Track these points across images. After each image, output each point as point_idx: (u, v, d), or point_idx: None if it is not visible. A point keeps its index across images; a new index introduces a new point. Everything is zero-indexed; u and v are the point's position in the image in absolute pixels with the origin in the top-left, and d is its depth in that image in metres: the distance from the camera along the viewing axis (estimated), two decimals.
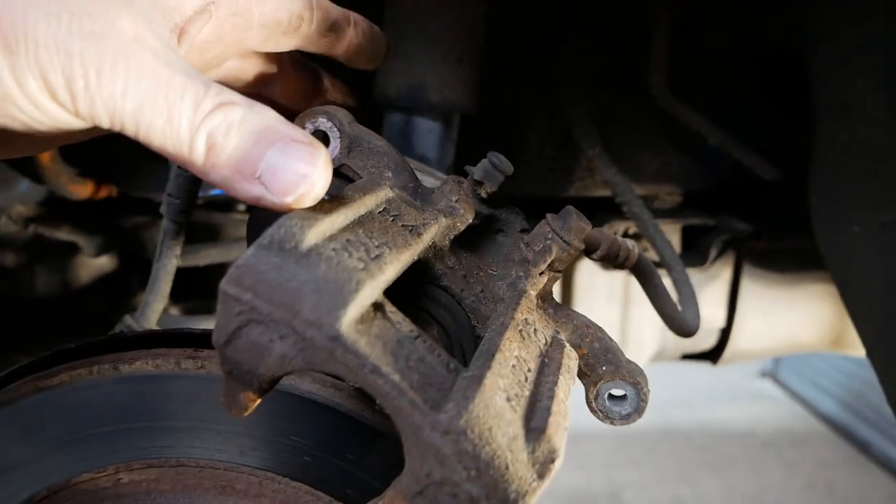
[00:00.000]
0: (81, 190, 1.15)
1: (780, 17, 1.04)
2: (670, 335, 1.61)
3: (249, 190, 0.47)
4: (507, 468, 0.42)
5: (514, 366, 0.48)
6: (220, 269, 1.45)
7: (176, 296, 1.53)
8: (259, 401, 0.48)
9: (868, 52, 0.87)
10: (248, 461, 0.64)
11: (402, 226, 0.53)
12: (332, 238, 0.46)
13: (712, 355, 1.66)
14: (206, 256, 1.18)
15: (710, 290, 1.51)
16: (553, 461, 0.44)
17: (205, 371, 0.62)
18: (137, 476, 0.64)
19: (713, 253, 1.32)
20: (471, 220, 0.62)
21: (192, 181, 0.83)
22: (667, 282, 0.91)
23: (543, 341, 0.55)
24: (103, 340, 0.64)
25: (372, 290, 0.44)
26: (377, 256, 0.47)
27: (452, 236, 0.61)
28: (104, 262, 1.66)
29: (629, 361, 0.65)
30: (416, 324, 0.47)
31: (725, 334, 1.59)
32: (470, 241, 0.65)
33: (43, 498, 0.64)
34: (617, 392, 0.66)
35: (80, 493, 0.64)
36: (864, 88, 0.88)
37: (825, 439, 5.39)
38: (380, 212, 0.54)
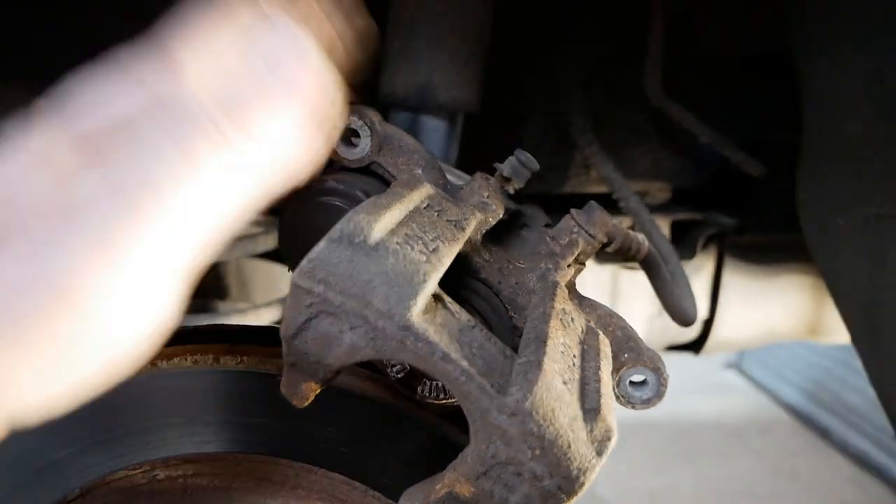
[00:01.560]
0: None
1: (772, 19, 1.09)
2: (655, 328, 1.66)
3: None
4: (569, 447, 0.44)
5: (562, 352, 0.51)
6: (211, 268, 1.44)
7: None
8: (319, 390, 0.50)
9: (855, 54, 0.92)
10: (285, 453, 0.65)
11: (447, 220, 0.56)
12: (393, 232, 0.48)
13: (695, 346, 1.71)
14: None
15: (694, 282, 1.55)
16: (609, 439, 0.46)
17: (244, 366, 0.63)
18: (174, 472, 0.65)
19: (699, 246, 1.37)
20: (501, 215, 0.65)
21: None
22: None
23: (580, 329, 0.58)
24: None
25: (435, 281, 0.46)
26: (434, 250, 0.49)
27: (484, 231, 0.63)
28: None
29: (649, 349, 0.68)
30: None
31: (707, 325, 1.64)
32: (497, 236, 0.67)
33: (76, 497, 0.64)
34: (637, 378, 0.69)
35: (114, 490, 0.64)
36: (851, 88, 0.93)
37: (789, 427, 5.55)
38: (425, 207, 0.55)
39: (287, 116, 0.46)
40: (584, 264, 0.68)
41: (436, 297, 0.48)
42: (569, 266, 0.65)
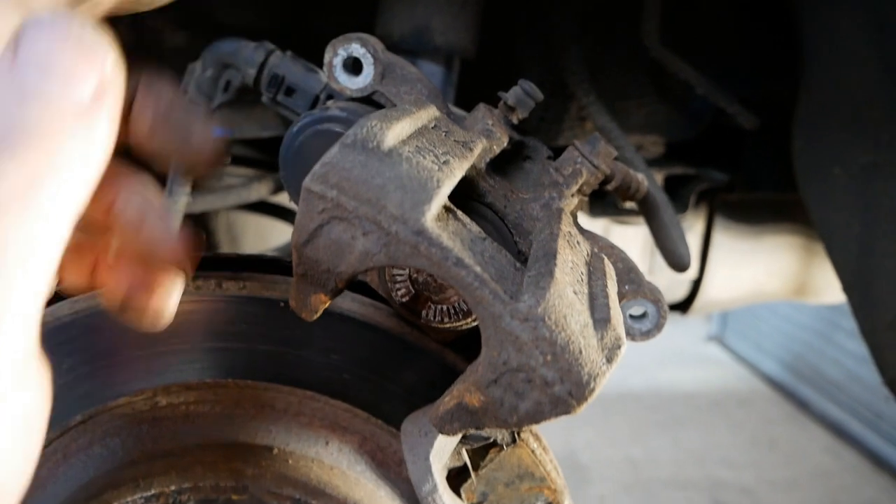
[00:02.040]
0: None
1: None
2: None
3: None
4: (580, 353, 0.44)
5: (571, 267, 0.51)
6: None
7: None
8: (328, 303, 0.50)
9: (856, 3, 0.92)
10: (288, 381, 0.65)
11: (455, 140, 0.55)
12: (405, 142, 0.47)
13: (683, 306, 1.73)
14: (202, 203, 1.17)
15: None
16: (619, 347, 0.47)
17: (247, 292, 0.63)
18: (175, 399, 0.65)
19: (692, 201, 1.38)
20: (506, 144, 0.64)
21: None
22: None
23: (586, 252, 0.58)
24: None
25: (448, 189, 0.46)
26: (445, 162, 0.49)
27: (488, 159, 0.63)
28: None
29: (649, 281, 0.69)
30: None
31: (696, 285, 1.66)
32: (500, 167, 0.67)
33: (78, 423, 0.64)
34: (637, 311, 0.69)
35: (116, 417, 0.64)
36: (851, 37, 0.93)
37: (768, 398, 5.67)
38: (432, 127, 0.55)
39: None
40: (587, 195, 0.68)
41: (447, 209, 0.48)
42: (572, 196, 0.65)
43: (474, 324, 0.62)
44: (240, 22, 1.06)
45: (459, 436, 0.63)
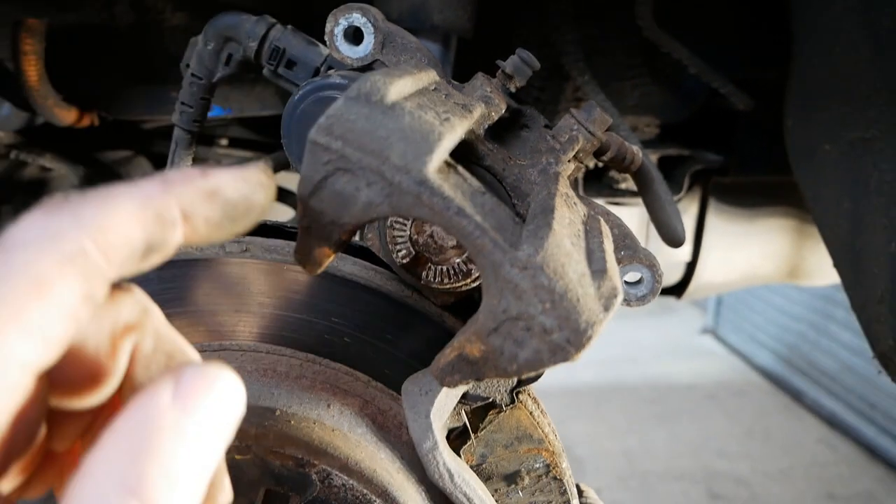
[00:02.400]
0: (66, 115, 1.12)
1: None
2: None
3: None
4: (578, 301, 0.46)
5: (568, 223, 0.52)
6: None
7: None
8: (333, 257, 0.51)
9: None
10: (290, 344, 0.66)
11: (455, 102, 0.56)
12: (406, 98, 0.49)
13: (677, 290, 1.75)
14: None
15: None
16: (615, 297, 0.48)
17: (249, 254, 0.64)
18: None
19: (686, 182, 1.39)
20: (504, 111, 0.66)
21: (206, 90, 0.84)
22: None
23: (583, 213, 0.59)
24: None
25: (450, 142, 0.47)
26: (446, 119, 0.50)
27: (487, 125, 0.65)
28: None
29: (644, 248, 0.70)
30: None
31: (690, 269, 1.67)
32: (497, 135, 0.68)
33: None
34: (632, 278, 0.71)
35: None
36: (842, 15, 0.94)
37: (762, 390, 5.69)
38: (433, 89, 0.56)
39: None
40: (583, 163, 0.69)
41: (448, 165, 0.49)
42: (569, 162, 0.67)
43: (473, 285, 0.63)
44: (240, 2, 1.07)
45: (459, 395, 0.64)
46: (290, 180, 1.34)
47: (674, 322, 7.12)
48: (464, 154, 0.61)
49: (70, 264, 0.33)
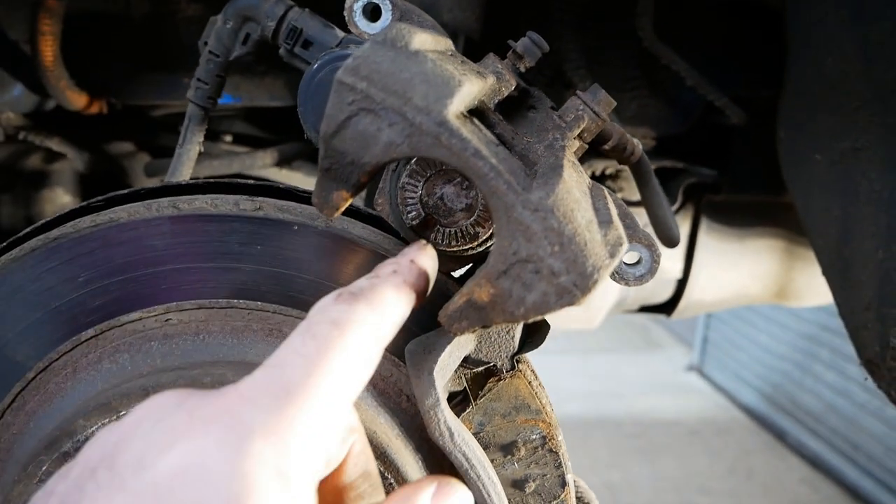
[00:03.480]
0: (77, 99, 1.14)
1: None
2: (631, 287, 1.70)
3: None
4: (585, 245, 0.48)
5: (576, 181, 0.54)
6: None
7: None
8: (350, 201, 0.53)
9: None
10: (298, 304, 0.67)
11: (470, 68, 0.59)
12: (428, 51, 0.51)
13: (667, 307, 1.77)
14: (207, 168, 1.19)
15: None
16: (621, 244, 0.50)
17: (262, 213, 0.65)
18: (186, 317, 0.67)
19: (680, 196, 1.43)
20: (513, 88, 0.68)
21: (222, 67, 0.86)
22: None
23: (587, 181, 0.62)
24: (159, 187, 0.67)
25: (469, 90, 0.49)
26: (464, 73, 0.52)
27: (497, 100, 0.67)
28: (70, 203, 1.63)
29: (643, 229, 0.73)
30: None
31: (681, 286, 1.70)
32: (506, 113, 0.71)
33: (90, 338, 0.66)
34: (631, 259, 0.73)
35: (128, 333, 0.66)
36: (832, 27, 0.99)
37: (746, 428, 5.70)
38: (450, 54, 0.59)
39: None
40: (587, 143, 0.72)
41: (464, 116, 0.51)
42: (574, 139, 0.69)
43: (479, 249, 0.65)
44: None
45: (462, 356, 0.65)
46: (291, 178, 1.36)
47: (659, 359, 7.14)
48: (476, 119, 0.63)
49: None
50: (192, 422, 0.39)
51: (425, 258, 0.55)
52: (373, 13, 0.71)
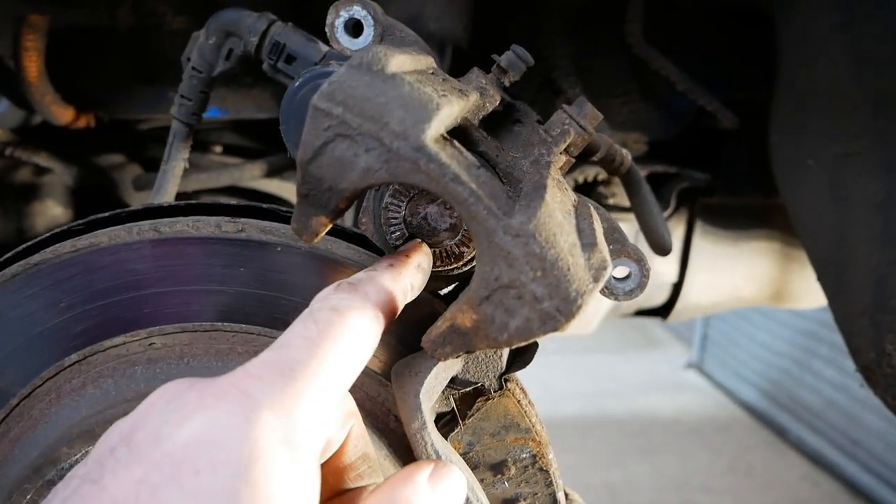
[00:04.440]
0: (63, 114, 1.14)
1: None
2: None
3: None
4: (568, 269, 0.47)
5: (560, 202, 0.54)
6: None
7: None
8: (330, 226, 0.52)
9: (826, 1, 0.97)
10: (283, 326, 0.66)
11: (452, 86, 0.58)
12: (406, 73, 0.50)
13: (663, 311, 1.76)
14: (195, 182, 1.19)
15: None
16: (605, 268, 0.49)
17: (245, 234, 0.64)
18: (170, 341, 0.66)
19: (674, 200, 1.42)
20: (497, 103, 0.67)
21: (205, 83, 0.85)
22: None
23: (573, 197, 0.61)
24: (139, 209, 0.66)
25: (447, 113, 0.49)
26: (444, 95, 0.51)
27: (481, 116, 0.66)
28: (60, 215, 1.63)
29: (632, 243, 0.72)
30: None
31: (676, 290, 1.69)
32: (491, 128, 0.70)
33: (73, 363, 0.65)
34: (621, 274, 0.72)
35: (112, 357, 0.65)
36: (823, 32, 0.98)
37: (746, 426, 5.69)
38: (430, 73, 0.58)
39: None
40: (574, 157, 0.71)
41: (444, 139, 0.50)
42: (560, 154, 0.68)
43: (465, 269, 0.64)
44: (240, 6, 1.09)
45: (449, 378, 0.65)
46: (282, 189, 1.35)
47: (658, 357, 7.13)
48: (458, 138, 0.63)
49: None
50: (203, 398, 0.42)
51: (420, 254, 0.58)
52: (354, 29, 0.70)
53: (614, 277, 0.72)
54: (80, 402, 0.65)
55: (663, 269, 1.65)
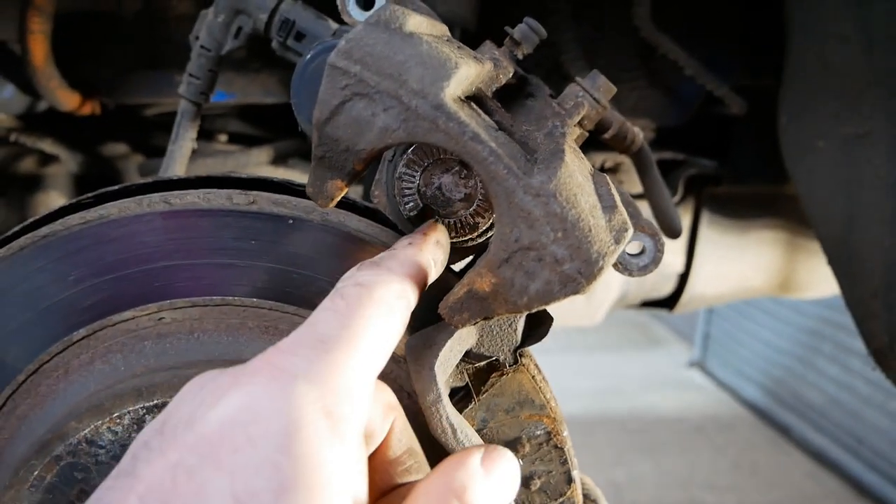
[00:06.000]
0: (70, 99, 1.13)
1: None
2: (632, 280, 1.69)
3: None
4: (590, 230, 0.46)
5: (578, 166, 0.53)
6: None
7: None
8: (346, 190, 0.51)
9: None
10: (294, 300, 0.65)
11: (467, 53, 0.57)
12: (423, 34, 0.49)
13: (669, 302, 1.75)
14: (201, 167, 1.18)
15: None
16: (626, 230, 0.48)
17: (256, 207, 0.64)
18: (180, 315, 0.65)
19: (681, 187, 1.41)
20: (511, 75, 0.67)
21: (214, 62, 0.84)
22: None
23: (589, 167, 0.60)
24: (150, 182, 0.65)
25: (466, 73, 0.48)
26: (461, 57, 0.51)
27: (495, 87, 0.65)
28: None
29: (645, 218, 0.71)
30: None
31: (683, 280, 1.68)
32: (503, 101, 0.69)
33: (81, 338, 0.64)
34: (634, 249, 0.71)
35: (121, 332, 0.64)
36: (834, 8, 0.97)
37: (749, 424, 5.68)
38: (445, 39, 0.57)
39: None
40: (588, 131, 0.70)
41: (462, 100, 0.50)
42: (574, 126, 0.67)
43: (479, 240, 0.63)
44: None
45: (464, 350, 0.64)
46: (288, 176, 1.34)
47: (661, 355, 7.12)
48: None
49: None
50: (237, 378, 0.41)
51: (437, 231, 0.58)
52: (366, 2, 0.70)
53: (628, 253, 0.72)
54: (88, 377, 0.64)
55: (669, 260, 1.65)
